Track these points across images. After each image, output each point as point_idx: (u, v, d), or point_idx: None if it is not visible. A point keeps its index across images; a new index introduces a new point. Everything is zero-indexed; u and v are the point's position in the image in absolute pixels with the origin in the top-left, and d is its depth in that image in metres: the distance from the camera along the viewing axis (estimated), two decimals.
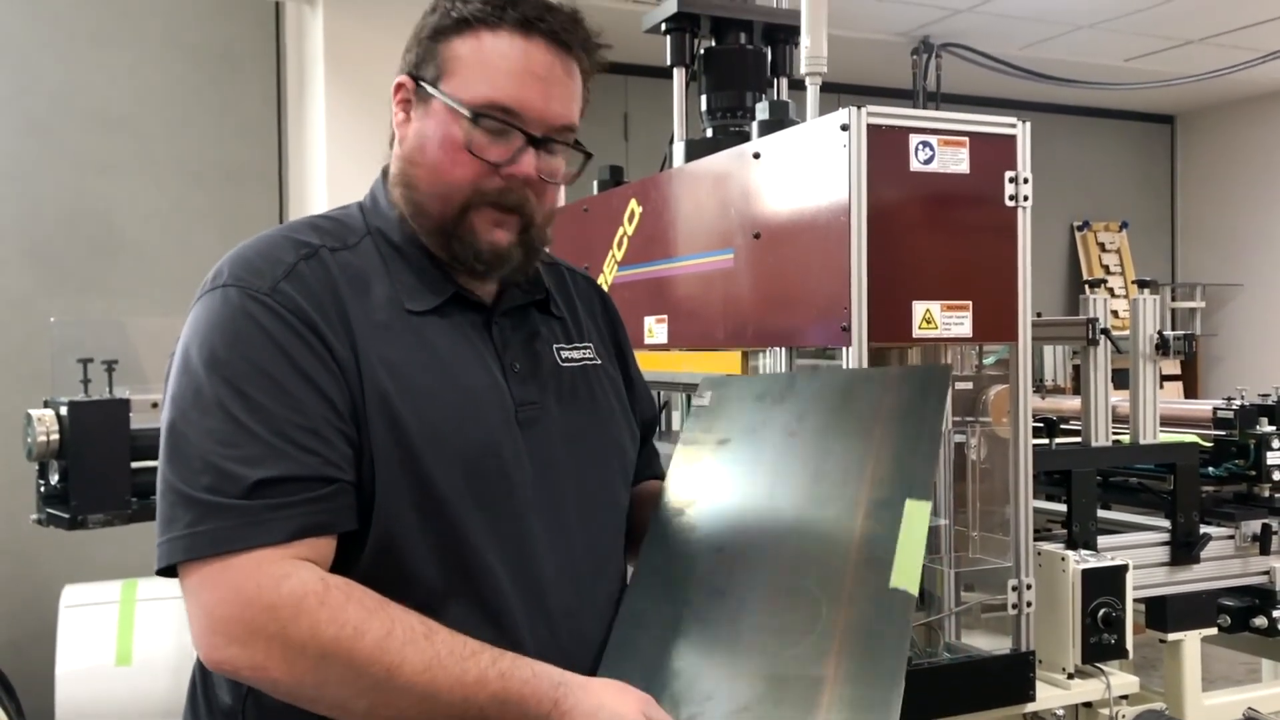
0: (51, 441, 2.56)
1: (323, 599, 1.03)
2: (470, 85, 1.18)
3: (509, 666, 1.08)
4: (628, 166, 2.33)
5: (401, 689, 1.04)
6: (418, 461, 1.14)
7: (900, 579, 1.14)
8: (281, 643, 1.02)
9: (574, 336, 1.36)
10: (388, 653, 1.03)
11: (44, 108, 4.68)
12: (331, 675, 1.03)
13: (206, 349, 1.11)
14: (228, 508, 1.04)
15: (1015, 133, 1.57)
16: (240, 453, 1.06)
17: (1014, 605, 1.59)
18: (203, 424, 1.07)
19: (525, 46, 1.18)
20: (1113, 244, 7.69)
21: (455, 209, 1.20)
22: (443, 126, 1.19)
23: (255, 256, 1.17)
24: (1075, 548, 1.90)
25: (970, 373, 1.84)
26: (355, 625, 1.03)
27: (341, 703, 1.05)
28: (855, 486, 1.24)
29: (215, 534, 1.04)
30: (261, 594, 1.02)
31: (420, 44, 1.23)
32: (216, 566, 1.04)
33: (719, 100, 2.07)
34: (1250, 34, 5.91)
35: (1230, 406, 2.35)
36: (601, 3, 5.20)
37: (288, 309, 1.12)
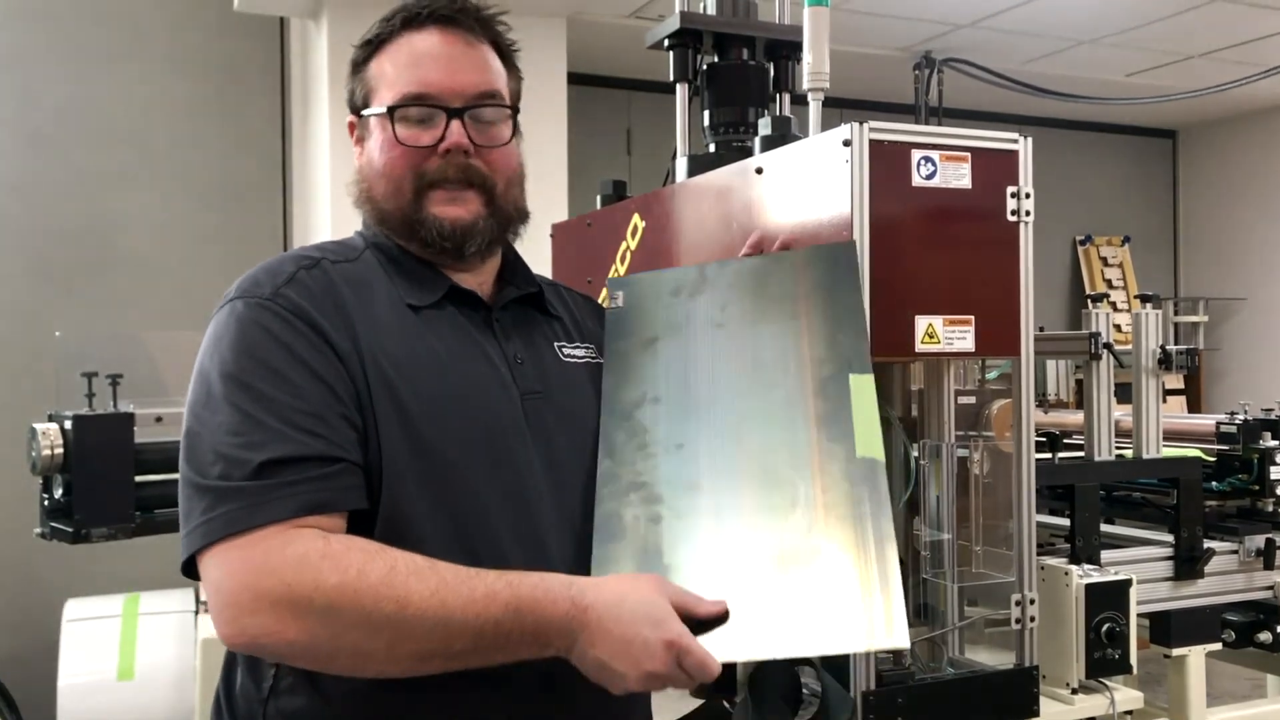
0: (56, 455, 2.56)
1: (324, 552, 1.07)
2: (387, 91, 1.30)
3: (516, 578, 1.09)
4: (631, 181, 2.34)
5: (414, 619, 1.05)
6: (423, 442, 1.18)
7: (865, 449, 1.20)
8: (289, 602, 1.05)
9: (575, 337, 1.42)
10: (394, 587, 1.05)
11: (50, 122, 4.70)
12: (344, 621, 1.05)
13: (216, 357, 1.18)
14: (237, 490, 1.09)
15: (1017, 148, 1.57)
16: (246, 439, 1.11)
17: (1017, 620, 1.59)
18: (213, 421, 1.13)
19: (415, 38, 1.30)
20: (1115, 258, 7.70)
21: (409, 199, 1.28)
22: (378, 135, 1.30)
23: (259, 272, 1.26)
24: (1078, 562, 1.90)
25: (973, 387, 1.84)
26: (358, 568, 1.06)
27: (360, 647, 1.07)
28: (796, 368, 1.28)
29: (227, 516, 1.08)
30: (268, 560, 1.06)
31: (349, 83, 1.35)
32: (227, 546, 1.08)
33: (721, 116, 2.08)
34: (1251, 49, 5.93)
35: (1233, 421, 2.35)
36: (605, 19, 5.24)
37: (288, 309, 1.19)
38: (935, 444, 1.69)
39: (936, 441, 1.69)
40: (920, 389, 1.75)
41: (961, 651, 1.68)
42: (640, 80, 6.13)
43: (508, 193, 1.33)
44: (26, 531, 2.95)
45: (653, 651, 1.07)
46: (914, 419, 1.75)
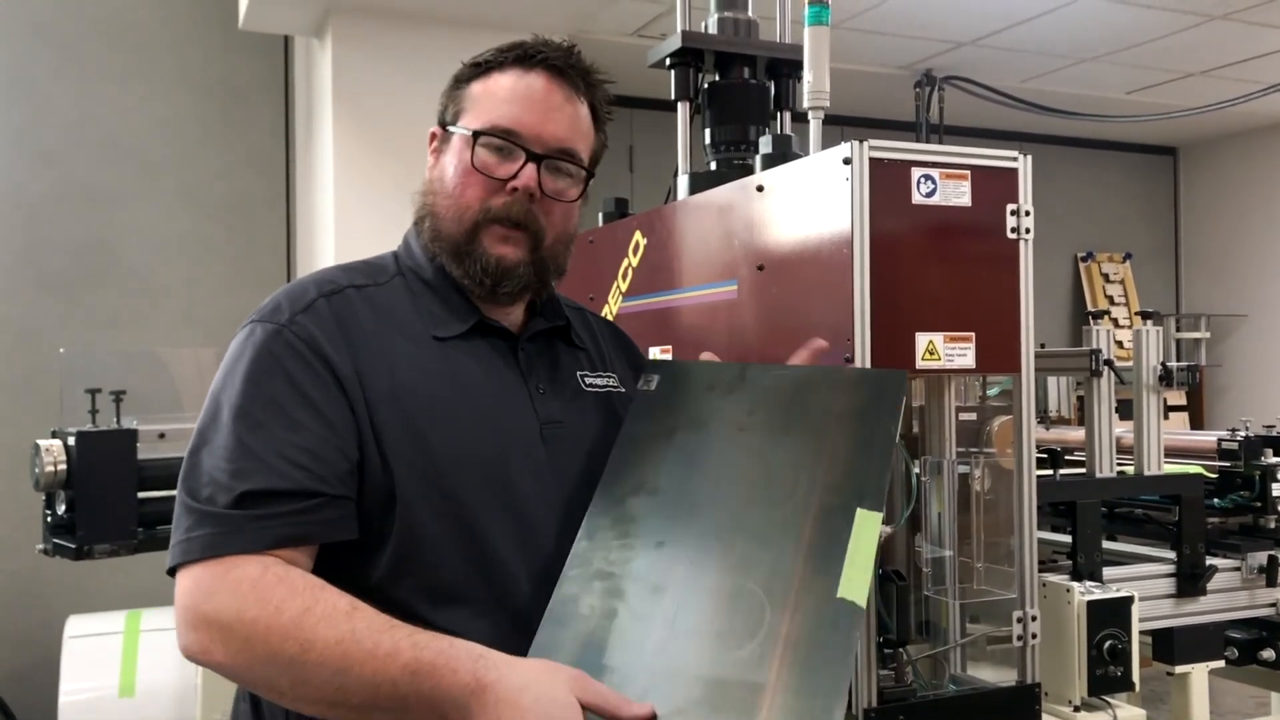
0: (59, 472, 2.57)
1: (255, 583, 1.10)
2: (479, 116, 1.32)
3: (425, 639, 1.07)
4: (633, 198, 2.35)
5: (314, 664, 1.05)
6: (440, 473, 1.21)
7: (848, 590, 1.12)
8: (218, 626, 1.09)
9: (598, 366, 1.46)
10: (301, 629, 1.06)
11: (55, 139, 4.73)
12: (255, 654, 1.08)
13: (226, 381, 1.21)
14: (217, 515, 1.13)
15: (1017, 166, 1.58)
16: (236, 467, 1.14)
17: (1019, 637, 1.58)
18: (214, 445, 1.17)
19: (524, 76, 1.33)
20: (1117, 275, 7.71)
21: (467, 227, 1.30)
22: (456, 155, 1.32)
23: (281, 296, 1.28)
24: (1080, 579, 1.90)
25: (974, 404, 1.85)
26: (277, 604, 1.08)
27: (269, 682, 1.10)
28: (806, 489, 1.21)
29: (204, 540, 1.13)
30: (211, 584, 1.11)
31: (445, 94, 1.37)
32: (195, 566, 1.12)
33: (723, 134, 2.09)
34: (1251, 67, 5.95)
35: (1235, 438, 2.35)
36: (608, 37, 5.26)
37: (300, 338, 1.22)
38: (936, 460, 1.69)
39: (938, 458, 1.69)
40: (921, 405, 1.76)
41: (963, 668, 1.68)
42: (642, 98, 6.16)
43: (554, 246, 1.35)
44: (29, 547, 2.96)
45: None
46: (915, 436, 1.75)
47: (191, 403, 3.13)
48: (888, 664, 1.51)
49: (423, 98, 4.96)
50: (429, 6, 4.34)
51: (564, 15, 4.51)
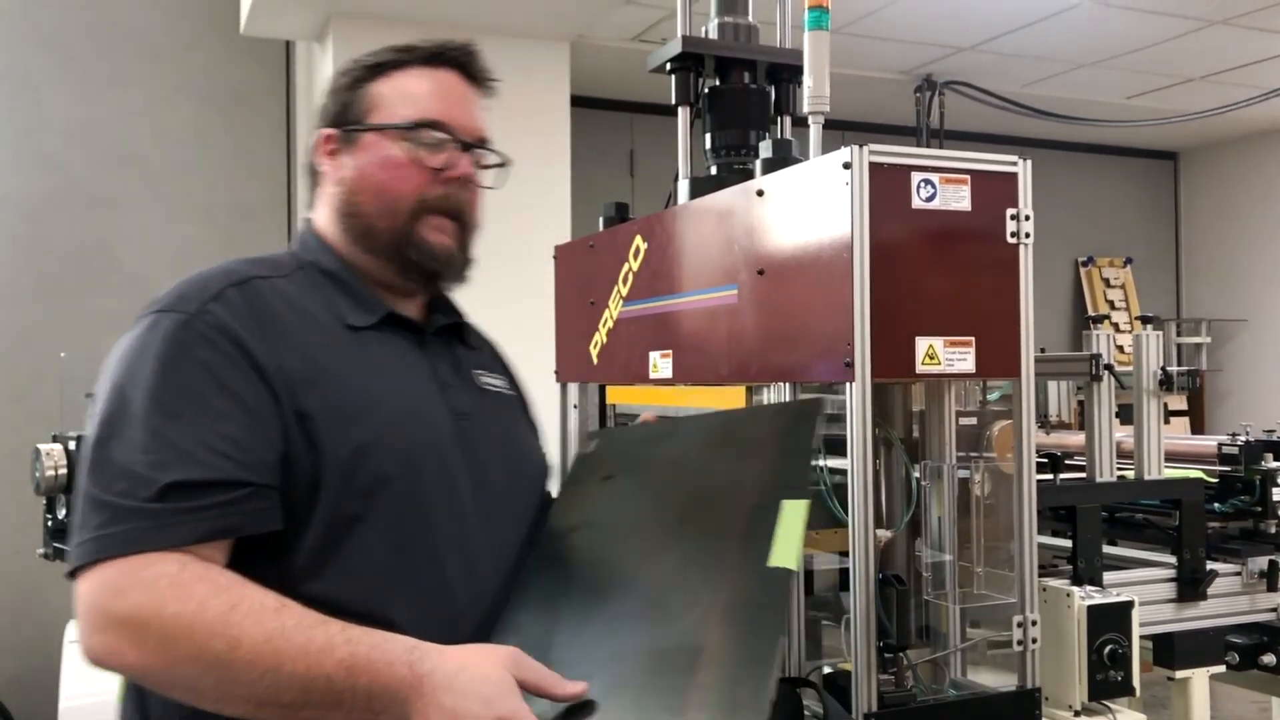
0: (59, 476, 2.57)
1: (174, 579, 1.06)
2: (397, 112, 1.33)
3: (358, 634, 1.07)
4: (633, 203, 2.35)
5: (243, 662, 1.04)
6: (366, 462, 1.20)
7: (778, 559, 1.18)
8: (131, 625, 1.05)
9: (489, 367, 1.50)
10: (229, 625, 1.04)
11: (56, 144, 4.74)
12: (178, 654, 1.04)
13: (135, 372, 1.16)
14: (137, 510, 1.08)
15: (1016, 170, 1.58)
16: (155, 458, 1.10)
17: (1019, 642, 1.58)
18: (126, 437, 1.12)
19: (436, 74, 1.37)
20: (1117, 279, 7.71)
21: (404, 219, 1.32)
22: (380, 151, 1.33)
23: (186, 287, 1.25)
24: (1080, 584, 1.90)
25: (974, 408, 1.85)
26: (200, 601, 1.05)
27: (192, 683, 1.06)
28: (736, 496, 1.31)
29: (123, 535, 1.07)
30: (120, 581, 1.06)
31: (338, 96, 1.37)
32: (106, 566, 1.07)
33: (723, 138, 2.09)
34: (1251, 72, 5.96)
35: (1235, 442, 2.35)
36: (608, 42, 5.27)
37: (213, 327, 1.19)
38: (936, 465, 1.69)
39: (938, 462, 1.69)
40: (921, 410, 1.76)
41: (964, 673, 1.68)
42: (643, 103, 6.17)
43: (474, 237, 1.41)
44: (30, 552, 2.96)
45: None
46: (915, 440, 1.75)
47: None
48: (888, 669, 1.51)
49: None
50: (430, 12, 4.35)
51: (564, 20, 4.52)
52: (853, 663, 1.47)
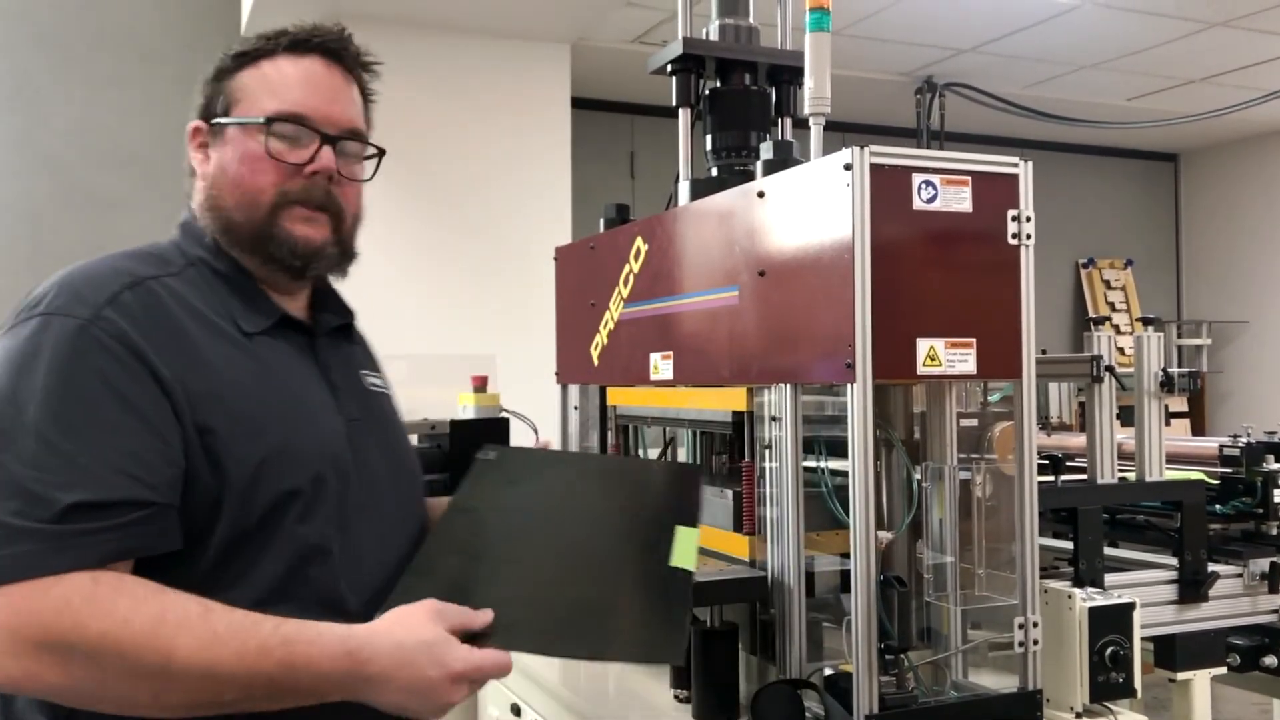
0: None
1: (89, 596, 1.03)
2: (258, 104, 1.30)
3: (293, 631, 1.08)
4: (634, 205, 2.35)
5: (179, 672, 1.03)
6: (269, 477, 1.17)
7: (679, 562, 1.34)
8: (49, 647, 1.01)
9: (369, 365, 1.49)
10: (159, 638, 1.03)
11: (57, 145, 4.74)
12: (108, 671, 1.02)
13: (25, 380, 1.10)
14: (35, 532, 1.03)
15: (1017, 172, 1.58)
16: (53, 478, 1.05)
17: (1020, 643, 1.58)
18: (17, 452, 1.06)
19: (301, 63, 1.32)
20: (1118, 281, 7.71)
21: (264, 213, 1.29)
22: (240, 145, 1.29)
23: (79, 283, 1.18)
24: (1082, 585, 1.89)
25: (975, 409, 1.85)
26: (124, 616, 1.03)
27: (125, 697, 1.04)
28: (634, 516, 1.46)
29: (23, 557, 1.03)
30: (28, 603, 1.01)
31: (206, 88, 1.34)
32: (10, 589, 1.02)
33: (724, 140, 2.09)
34: (1251, 73, 5.96)
35: (1236, 444, 2.35)
36: (609, 44, 5.27)
37: (111, 335, 1.13)
38: (937, 466, 1.69)
39: (939, 464, 1.69)
40: (922, 411, 1.76)
41: (965, 675, 1.68)
42: (643, 105, 6.17)
43: (351, 228, 1.37)
44: None
45: (441, 689, 1.11)
46: (916, 441, 1.75)
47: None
48: (889, 670, 1.51)
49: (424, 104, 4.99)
50: (431, 14, 4.35)
51: (565, 22, 4.52)
52: (854, 664, 1.47)
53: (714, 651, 1.71)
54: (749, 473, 1.74)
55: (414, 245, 4.39)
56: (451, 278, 4.57)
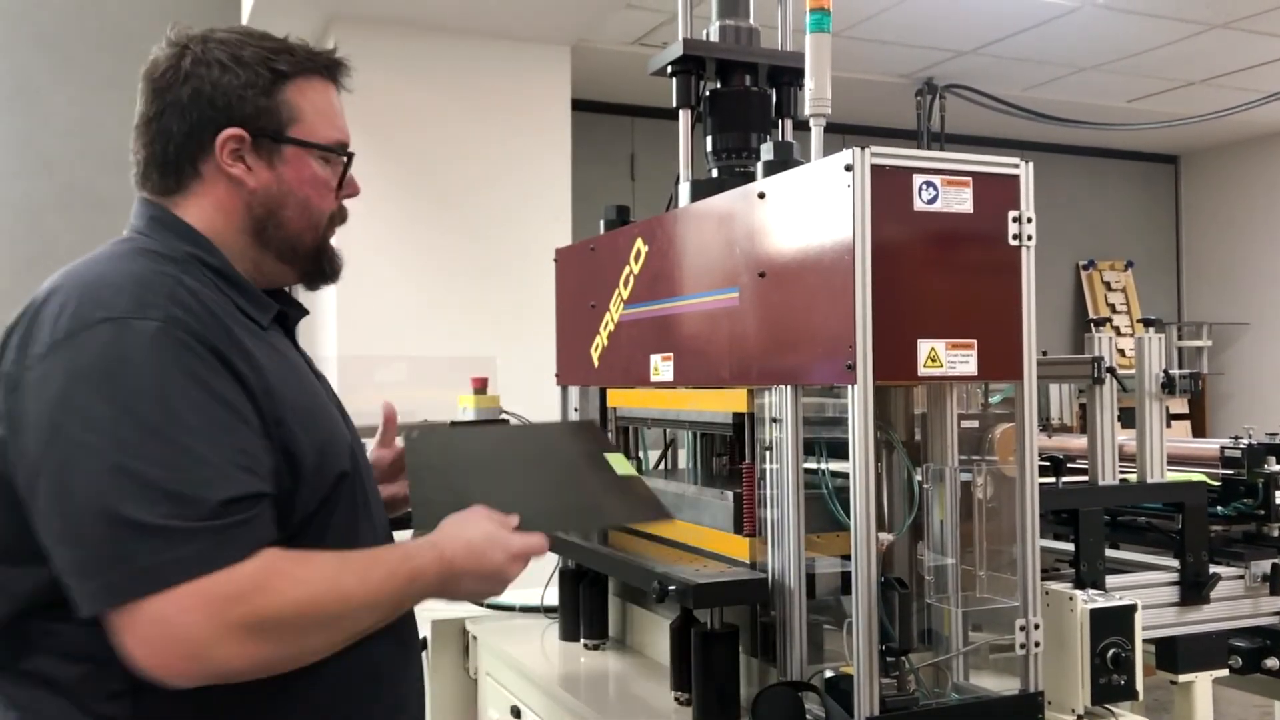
0: None
1: (268, 573, 1.11)
2: (316, 129, 1.36)
3: (400, 553, 1.28)
4: (634, 206, 2.35)
5: (356, 610, 1.18)
6: (327, 460, 1.27)
7: (621, 470, 1.66)
8: (257, 625, 1.09)
9: None
10: (338, 588, 1.16)
11: (57, 147, 4.74)
12: (308, 628, 1.14)
13: (121, 383, 1.10)
14: (199, 530, 1.07)
15: (1018, 173, 1.57)
16: (192, 477, 1.08)
17: (1022, 645, 1.58)
18: (142, 455, 1.08)
19: (330, 89, 1.40)
20: (1118, 283, 7.71)
21: (322, 234, 1.40)
22: (307, 169, 1.35)
23: (134, 287, 1.18)
24: (1083, 587, 1.89)
25: (976, 411, 1.84)
26: (302, 579, 1.14)
27: (318, 647, 1.17)
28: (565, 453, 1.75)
29: (196, 557, 1.07)
30: (223, 591, 1.07)
31: (250, 99, 1.32)
32: (190, 586, 1.06)
33: (724, 141, 2.08)
34: (1252, 75, 5.96)
35: (1238, 445, 2.34)
36: (609, 46, 5.27)
37: (190, 334, 1.15)
38: (938, 468, 1.68)
39: (939, 465, 1.69)
40: (923, 413, 1.75)
41: (966, 677, 1.67)
42: (643, 106, 6.17)
43: None
44: None
45: (506, 569, 1.32)
46: (917, 443, 1.75)
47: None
48: (890, 672, 1.50)
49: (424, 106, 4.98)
50: (430, 15, 4.35)
51: (565, 24, 4.52)
52: (855, 666, 1.47)
53: (714, 654, 1.70)
54: (749, 474, 1.73)
55: (414, 247, 4.39)
56: (451, 279, 4.57)
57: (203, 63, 1.32)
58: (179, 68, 1.32)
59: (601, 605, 2.23)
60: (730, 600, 1.71)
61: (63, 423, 1.09)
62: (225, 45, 1.33)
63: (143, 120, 1.34)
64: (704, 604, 1.68)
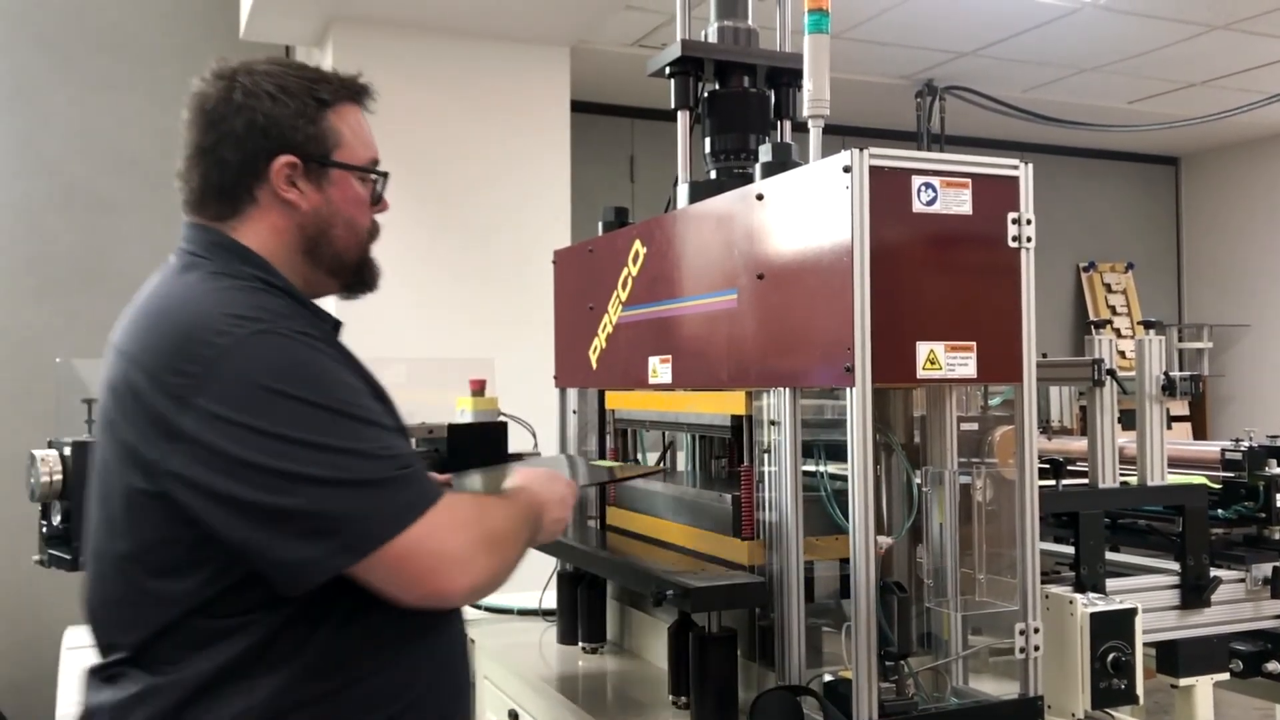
0: (54, 482, 2.55)
1: (470, 504, 1.40)
2: (356, 152, 1.47)
3: (511, 493, 1.52)
4: (633, 208, 2.34)
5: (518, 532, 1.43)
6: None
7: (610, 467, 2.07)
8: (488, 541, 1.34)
9: None
10: (507, 517, 1.42)
11: (56, 148, 4.73)
12: (507, 547, 1.38)
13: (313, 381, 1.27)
14: (409, 476, 1.29)
15: (1018, 174, 1.57)
16: (384, 440, 1.29)
17: (1021, 649, 1.57)
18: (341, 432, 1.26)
19: (361, 113, 1.51)
20: (1119, 285, 7.70)
21: (365, 249, 1.52)
22: (350, 189, 1.47)
23: (249, 309, 1.31)
24: (1083, 590, 1.88)
25: (975, 413, 1.83)
26: (488, 509, 1.41)
27: (516, 559, 1.41)
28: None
29: (426, 492, 1.29)
30: (457, 518, 1.32)
31: (302, 127, 1.41)
32: (424, 523, 1.26)
33: (723, 142, 2.08)
34: (1253, 76, 5.95)
35: (1239, 448, 2.33)
36: (608, 47, 5.27)
37: (323, 341, 1.34)
38: (937, 471, 1.68)
39: (939, 468, 1.68)
40: (922, 415, 1.75)
41: (965, 681, 1.66)
42: (642, 108, 6.17)
43: None
44: (27, 558, 2.94)
45: (567, 498, 1.60)
46: (916, 446, 1.74)
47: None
48: (889, 677, 1.50)
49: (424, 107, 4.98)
50: (430, 17, 4.35)
51: (564, 25, 4.51)
52: (853, 671, 1.46)
53: (712, 657, 1.69)
54: (748, 477, 1.73)
55: (412, 248, 4.38)
56: (450, 281, 4.56)
57: (254, 94, 1.39)
58: (230, 100, 1.39)
59: (600, 608, 2.23)
60: (728, 604, 1.70)
61: (263, 426, 1.23)
62: (270, 76, 1.41)
63: (196, 150, 1.42)
64: (702, 607, 1.67)
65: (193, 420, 1.22)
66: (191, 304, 1.31)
